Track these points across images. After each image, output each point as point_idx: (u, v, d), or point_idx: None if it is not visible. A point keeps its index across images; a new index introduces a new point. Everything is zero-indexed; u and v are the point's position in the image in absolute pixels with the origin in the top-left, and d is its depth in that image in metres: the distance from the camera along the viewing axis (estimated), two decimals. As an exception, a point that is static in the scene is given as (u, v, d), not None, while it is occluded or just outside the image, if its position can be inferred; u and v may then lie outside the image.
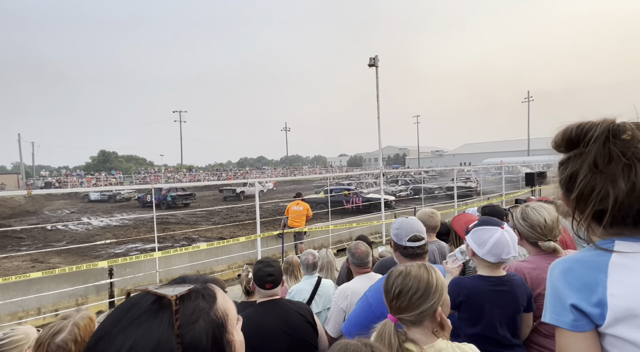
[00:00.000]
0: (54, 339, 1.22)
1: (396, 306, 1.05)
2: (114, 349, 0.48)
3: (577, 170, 0.69)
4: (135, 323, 0.50)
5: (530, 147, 53.11)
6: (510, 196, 12.98)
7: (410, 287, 1.05)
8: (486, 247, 1.41)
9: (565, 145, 0.73)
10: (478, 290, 1.40)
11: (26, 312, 5.03)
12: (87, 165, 71.46)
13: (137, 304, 0.53)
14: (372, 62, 9.46)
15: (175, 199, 21.68)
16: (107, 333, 0.50)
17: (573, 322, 0.67)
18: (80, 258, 9.52)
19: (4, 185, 33.27)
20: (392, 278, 1.09)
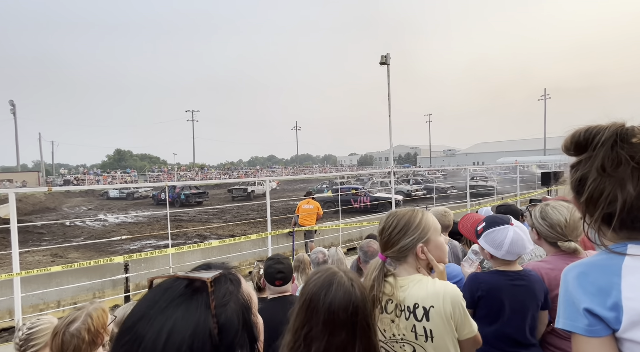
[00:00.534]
0: (68, 328, 1.28)
1: (381, 242, 1.16)
2: (154, 329, 0.49)
3: (587, 174, 0.70)
4: (172, 305, 0.52)
5: (547, 146, 51.62)
6: (525, 196, 12.68)
7: (391, 224, 1.15)
8: (504, 248, 1.39)
9: (574, 148, 0.73)
10: (497, 284, 1.39)
11: (47, 305, 5.23)
12: (103, 164, 73.52)
13: (171, 288, 0.55)
14: (383, 60, 9.38)
15: (188, 197, 22.08)
16: (145, 314, 0.51)
17: (588, 327, 0.66)
18: (97, 253, 9.81)
19: (26, 182, 34.56)
20: (382, 221, 1.20)
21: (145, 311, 0.52)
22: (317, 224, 7.36)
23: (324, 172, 59.31)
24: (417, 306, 1.04)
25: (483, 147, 79.78)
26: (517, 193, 12.23)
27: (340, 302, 0.88)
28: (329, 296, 0.89)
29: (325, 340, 0.86)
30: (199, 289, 0.55)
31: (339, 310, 0.87)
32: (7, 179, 34.26)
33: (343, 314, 0.87)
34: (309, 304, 0.90)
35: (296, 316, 0.93)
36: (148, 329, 0.50)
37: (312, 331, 0.88)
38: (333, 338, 0.86)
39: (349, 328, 0.87)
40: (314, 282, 0.94)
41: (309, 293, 0.92)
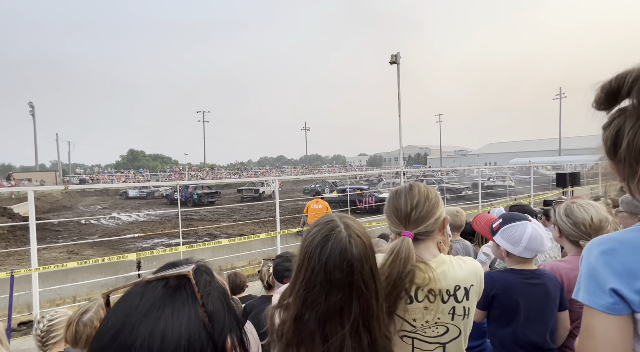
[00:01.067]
0: (82, 318, 1.32)
1: (415, 217, 1.03)
2: (143, 334, 0.47)
3: (623, 124, 0.64)
4: (156, 306, 0.50)
5: (562, 147, 50.28)
6: (538, 197, 12.39)
7: (423, 195, 1.06)
8: (522, 244, 1.35)
9: (605, 99, 0.66)
10: (512, 283, 1.34)
11: (63, 300, 5.38)
12: (117, 164, 75.25)
13: (147, 291, 0.52)
14: (393, 60, 9.32)
15: (201, 197, 22.29)
16: (126, 323, 0.48)
17: (611, 305, 0.64)
18: (111, 250, 10.05)
19: (44, 181, 35.69)
20: (402, 195, 1.07)
21: (124, 320, 0.49)
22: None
23: (332, 172, 59.27)
24: (458, 288, 1.01)
25: (495, 148, 78.31)
26: (530, 194, 11.96)
27: (335, 261, 0.83)
28: (324, 254, 0.84)
29: (324, 301, 0.82)
30: (179, 285, 0.54)
31: (334, 269, 0.83)
32: (27, 178, 35.44)
33: (338, 273, 0.83)
34: (306, 265, 0.87)
35: (295, 276, 0.90)
36: (135, 336, 0.47)
37: (311, 291, 0.84)
38: (331, 298, 0.82)
39: (345, 288, 0.83)
40: (312, 237, 0.89)
41: (305, 251, 0.88)
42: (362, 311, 0.84)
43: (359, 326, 0.84)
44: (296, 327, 0.84)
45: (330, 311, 0.82)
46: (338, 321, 0.82)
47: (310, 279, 0.84)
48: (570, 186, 9.29)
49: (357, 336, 0.83)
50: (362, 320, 0.84)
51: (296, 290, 0.87)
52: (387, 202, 1.13)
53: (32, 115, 43.50)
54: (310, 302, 0.83)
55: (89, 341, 1.30)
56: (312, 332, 0.82)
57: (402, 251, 0.96)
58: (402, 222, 1.05)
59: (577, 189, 10.62)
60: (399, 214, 1.06)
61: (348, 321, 0.82)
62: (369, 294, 0.86)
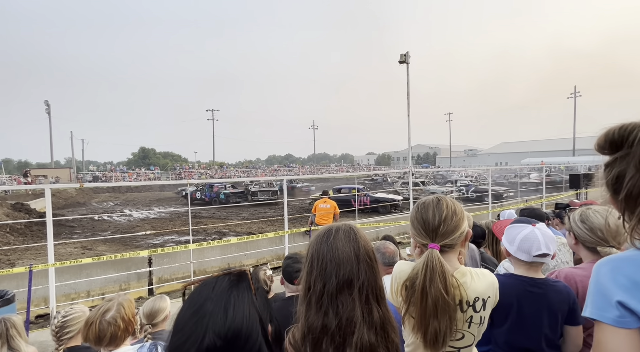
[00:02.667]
0: (104, 317, 1.37)
1: (443, 231, 1.08)
2: (219, 306, 0.68)
3: (624, 171, 0.70)
4: (227, 289, 0.73)
5: (576, 147, 49.05)
6: (550, 198, 12.14)
7: (451, 208, 1.10)
8: (515, 243, 1.36)
9: (608, 147, 0.73)
10: (509, 286, 1.32)
11: (78, 294, 5.54)
12: (128, 161, 76.70)
13: (218, 281, 0.75)
14: (402, 59, 9.25)
15: (228, 196, 20.47)
16: (207, 299, 0.70)
17: (618, 319, 0.66)
18: (122, 247, 10.27)
19: (59, 178, 36.67)
20: (430, 208, 1.11)
21: (206, 297, 0.70)
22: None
23: (340, 171, 59.13)
24: (477, 299, 1.06)
25: (507, 147, 76.85)
26: (542, 196, 11.73)
27: (342, 239, 0.93)
28: (330, 236, 0.95)
29: (335, 276, 0.89)
30: (241, 277, 0.76)
31: (343, 245, 0.92)
32: (42, 174, 36.44)
33: (346, 246, 0.92)
34: (317, 252, 0.95)
35: (308, 268, 0.95)
36: (214, 306, 0.68)
37: (325, 271, 0.91)
38: (340, 271, 0.89)
39: (352, 260, 0.91)
40: (317, 234, 1.01)
41: (313, 242, 0.98)
42: (371, 282, 0.91)
43: (368, 295, 0.90)
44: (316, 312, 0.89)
45: (341, 283, 0.89)
46: (348, 291, 0.88)
47: (323, 262, 0.92)
48: (585, 187, 9.07)
49: (368, 305, 0.89)
50: (371, 290, 0.91)
51: (311, 276, 0.93)
52: (413, 213, 1.16)
53: (47, 113, 44.65)
54: (324, 281, 0.90)
55: (114, 338, 1.35)
56: (326, 309, 0.87)
57: (435, 263, 1.01)
58: (429, 235, 1.09)
59: (591, 191, 10.37)
60: (427, 227, 1.10)
61: (357, 288, 0.89)
62: (375, 269, 0.95)
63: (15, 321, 1.92)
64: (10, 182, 31.39)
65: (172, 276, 6.26)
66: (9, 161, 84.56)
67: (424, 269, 1.01)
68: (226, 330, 0.65)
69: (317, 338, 0.85)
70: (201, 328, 0.65)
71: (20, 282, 4.77)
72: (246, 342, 0.67)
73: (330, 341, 0.84)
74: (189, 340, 0.65)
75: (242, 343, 0.66)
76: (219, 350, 0.64)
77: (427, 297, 0.98)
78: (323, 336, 0.85)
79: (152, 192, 34.38)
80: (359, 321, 0.85)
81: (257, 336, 0.70)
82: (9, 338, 1.85)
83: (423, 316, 0.99)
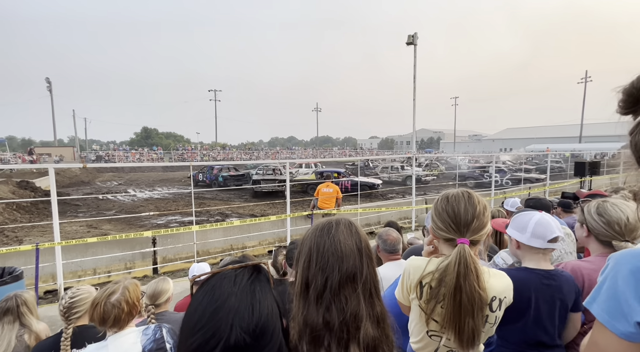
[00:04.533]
0: (109, 299, 1.38)
1: (475, 226, 1.05)
2: (246, 302, 0.67)
3: None
4: (248, 285, 0.71)
5: (583, 134, 48.23)
6: (554, 186, 12.07)
7: (482, 204, 1.08)
8: (528, 230, 1.32)
9: (630, 102, 0.62)
10: (526, 282, 1.29)
11: (84, 272, 5.67)
12: (131, 141, 76.59)
13: (237, 275, 0.73)
14: (410, 40, 8.96)
15: (227, 179, 19.55)
16: (231, 293, 0.67)
17: (629, 334, 0.60)
18: (127, 226, 10.44)
19: (63, 156, 36.83)
20: (462, 202, 1.07)
21: (230, 290, 0.68)
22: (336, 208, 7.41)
23: (343, 155, 58.89)
24: (494, 298, 1.04)
25: (512, 133, 75.83)
26: (545, 183, 11.66)
27: (344, 232, 0.89)
28: (332, 230, 0.90)
29: (338, 270, 0.85)
30: (258, 271, 0.75)
31: (345, 238, 0.89)
32: (47, 153, 36.57)
33: (349, 239, 0.89)
34: (316, 245, 0.89)
35: (304, 260, 0.90)
36: (239, 302, 0.66)
37: (327, 265, 0.86)
38: (344, 265, 0.86)
39: (355, 254, 0.88)
40: (314, 227, 0.94)
41: (311, 235, 0.92)
42: (372, 276, 0.89)
43: (371, 289, 0.88)
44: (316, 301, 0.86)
45: (344, 278, 0.85)
46: (352, 286, 0.85)
47: (324, 256, 0.87)
48: (590, 175, 8.98)
49: (371, 299, 0.87)
50: (372, 285, 0.88)
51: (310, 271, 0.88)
52: (442, 205, 1.10)
53: (49, 91, 44.21)
54: (326, 276, 0.85)
55: (117, 320, 1.37)
56: (328, 304, 0.84)
57: (468, 259, 0.98)
58: (460, 230, 1.05)
59: (596, 179, 10.27)
60: (458, 221, 1.05)
61: (361, 283, 0.86)
62: (374, 263, 0.92)
63: (26, 298, 1.96)
64: (15, 159, 31.59)
65: (176, 256, 6.38)
66: (13, 139, 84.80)
67: (456, 265, 0.98)
68: (254, 326, 0.64)
69: (318, 335, 0.81)
70: (226, 325, 0.62)
71: (28, 259, 4.88)
72: (271, 337, 0.66)
73: (333, 337, 0.81)
74: (214, 338, 0.62)
75: (268, 339, 0.65)
76: (247, 347, 0.62)
77: (461, 294, 0.95)
78: (324, 333, 0.81)
79: (155, 172, 34.56)
80: (364, 316, 0.84)
81: (279, 331, 0.69)
82: (20, 315, 1.89)
83: (457, 314, 0.96)
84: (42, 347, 1.63)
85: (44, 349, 1.60)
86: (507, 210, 3.23)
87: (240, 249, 6.98)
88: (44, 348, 1.61)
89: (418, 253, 1.37)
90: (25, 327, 1.88)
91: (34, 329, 1.89)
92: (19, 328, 1.87)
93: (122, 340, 1.37)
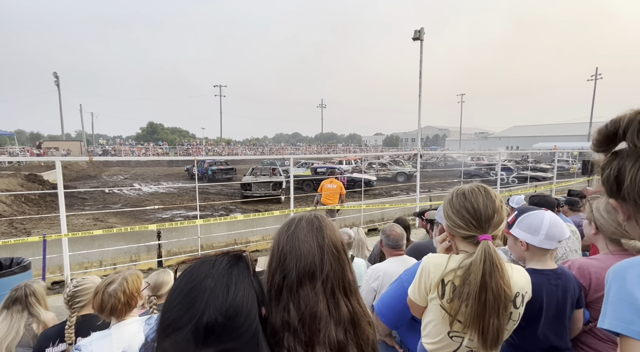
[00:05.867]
0: (107, 289, 1.41)
1: (496, 221, 1.01)
2: (221, 282, 0.68)
3: (623, 163, 0.65)
4: (227, 268, 0.72)
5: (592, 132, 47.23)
6: (561, 184, 11.93)
7: (501, 200, 1.06)
8: (542, 232, 1.25)
9: (604, 141, 0.68)
10: (538, 285, 1.21)
11: (90, 264, 5.76)
12: (137, 136, 77.16)
13: (217, 260, 0.74)
14: (416, 35, 8.86)
15: (215, 173, 21.15)
16: (209, 274, 0.69)
17: None
18: (132, 220, 10.55)
19: (70, 150, 37.29)
20: (480, 197, 1.03)
21: (207, 272, 0.70)
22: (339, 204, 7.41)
23: (347, 151, 58.74)
24: (517, 294, 1.02)
25: (519, 131, 74.90)
26: (552, 181, 11.52)
27: (303, 228, 0.87)
28: (292, 224, 0.89)
29: (295, 267, 0.82)
30: (238, 258, 0.75)
31: (306, 238, 0.85)
32: (54, 147, 37.03)
33: (308, 235, 0.86)
34: (277, 240, 0.89)
35: (269, 260, 0.88)
36: (215, 283, 0.67)
37: (284, 264, 0.84)
38: (300, 263, 0.83)
39: (316, 251, 0.84)
40: (278, 230, 0.93)
41: (277, 232, 0.92)
42: (337, 274, 0.84)
43: (334, 288, 0.83)
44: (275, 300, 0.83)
45: (301, 276, 0.81)
46: (310, 285, 0.81)
47: (283, 254, 0.84)
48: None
49: (334, 299, 0.82)
50: (337, 283, 0.84)
51: (271, 268, 0.86)
52: (459, 202, 1.05)
53: (57, 85, 44.62)
54: (284, 274, 0.82)
55: (114, 310, 1.39)
56: (286, 304, 0.80)
57: (493, 255, 0.94)
58: (481, 226, 1.01)
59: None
60: (479, 217, 1.01)
61: (320, 281, 0.82)
62: (343, 261, 0.87)
63: (35, 288, 1.99)
64: (23, 153, 32.06)
65: (180, 249, 6.44)
66: (22, 133, 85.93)
67: (482, 263, 0.93)
68: (227, 306, 0.65)
69: (279, 337, 0.77)
70: (200, 303, 0.64)
71: (36, 251, 4.97)
72: (245, 320, 0.67)
73: (294, 338, 0.77)
74: (187, 314, 0.64)
75: (242, 321, 0.66)
76: (218, 326, 0.64)
77: (486, 292, 0.91)
78: (284, 333, 0.77)
79: (161, 167, 34.84)
80: (324, 317, 0.79)
81: (254, 316, 0.69)
82: (28, 305, 1.93)
83: (481, 313, 0.92)
84: (48, 334, 1.66)
85: (50, 337, 1.63)
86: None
87: (244, 244, 7.02)
88: (49, 336, 1.64)
89: (422, 250, 1.35)
90: (33, 317, 1.92)
91: (42, 319, 1.93)
92: (27, 317, 1.90)
93: (125, 329, 1.39)
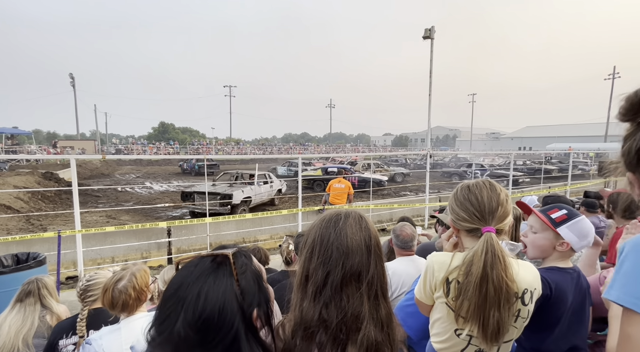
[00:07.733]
0: (116, 285, 1.43)
1: (500, 214, 1.01)
2: (193, 292, 0.65)
3: None
4: (204, 275, 0.67)
5: (610, 132, 46.03)
6: (576, 185, 11.61)
7: (506, 194, 1.05)
8: (589, 238, 1.28)
9: (631, 110, 0.64)
10: (566, 284, 1.20)
11: (103, 260, 5.90)
12: (149, 135, 78.58)
13: (199, 263, 0.70)
14: (427, 34, 8.76)
15: (201, 168, 24.68)
16: (183, 283, 0.67)
17: None
18: (144, 217, 10.75)
19: (84, 149, 38.24)
20: (484, 191, 1.04)
21: (182, 281, 0.67)
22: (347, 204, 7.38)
23: (355, 151, 58.55)
24: (525, 291, 1.00)
25: (532, 131, 73.20)
26: (567, 183, 11.23)
27: (353, 226, 0.84)
28: (339, 222, 0.85)
29: (342, 265, 0.80)
30: (222, 262, 0.70)
31: (353, 233, 0.83)
32: (70, 146, 38.04)
33: (357, 234, 0.84)
34: (320, 238, 0.85)
35: (308, 251, 0.86)
36: (188, 292, 0.65)
37: (330, 259, 0.82)
38: (348, 262, 0.81)
39: (363, 251, 0.83)
40: (322, 218, 0.90)
41: (317, 226, 0.88)
42: (380, 276, 0.83)
43: (377, 290, 0.82)
44: (315, 297, 0.81)
45: (348, 275, 0.80)
46: (356, 284, 0.80)
47: (328, 249, 0.82)
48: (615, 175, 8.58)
49: (376, 300, 0.82)
50: (379, 286, 0.83)
51: (311, 263, 0.84)
52: (464, 195, 1.06)
53: (72, 86, 45.80)
54: (328, 271, 0.81)
55: (125, 306, 1.41)
56: (327, 301, 0.79)
57: (495, 247, 0.93)
58: (485, 218, 1.01)
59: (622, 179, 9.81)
60: (482, 209, 1.02)
61: (366, 282, 0.81)
62: (383, 263, 0.86)
63: (46, 282, 2.05)
64: (40, 152, 33.03)
65: (190, 246, 6.53)
66: (39, 132, 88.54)
67: (483, 254, 0.93)
68: (196, 319, 0.63)
69: (312, 331, 0.76)
70: (175, 314, 0.64)
71: (51, 246, 5.11)
72: (217, 333, 0.64)
73: (329, 336, 0.76)
74: (167, 321, 0.64)
75: (213, 335, 0.64)
76: (187, 338, 0.62)
77: (487, 284, 0.90)
78: (320, 330, 0.76)
79: (172, 166, 35.37)
80: (366, 318, 0.78)
81: (230, 327, 0.65)
82: (41, 297, 1.99)
83: (482, 305, 0.91)
84: (61, 327, 1.70)
85: (64, 329, 1.67)
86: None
87: (253, 242, 7.07)
88: (62, 328, 1.68)
89: (431, 250, 1.33)
90: (46, 309, 1.97)
91: (55, 311, 1.98)
92: (41, 309, 1.96)
93: (135, 324, 1.41)
